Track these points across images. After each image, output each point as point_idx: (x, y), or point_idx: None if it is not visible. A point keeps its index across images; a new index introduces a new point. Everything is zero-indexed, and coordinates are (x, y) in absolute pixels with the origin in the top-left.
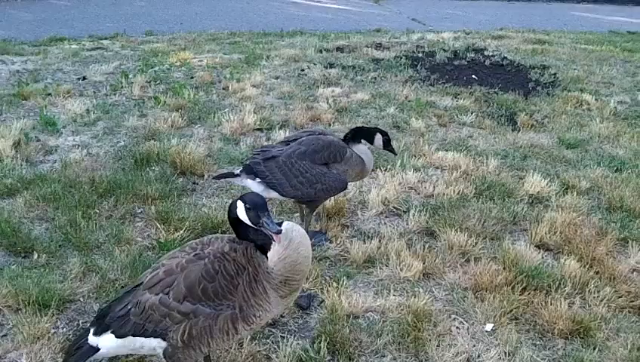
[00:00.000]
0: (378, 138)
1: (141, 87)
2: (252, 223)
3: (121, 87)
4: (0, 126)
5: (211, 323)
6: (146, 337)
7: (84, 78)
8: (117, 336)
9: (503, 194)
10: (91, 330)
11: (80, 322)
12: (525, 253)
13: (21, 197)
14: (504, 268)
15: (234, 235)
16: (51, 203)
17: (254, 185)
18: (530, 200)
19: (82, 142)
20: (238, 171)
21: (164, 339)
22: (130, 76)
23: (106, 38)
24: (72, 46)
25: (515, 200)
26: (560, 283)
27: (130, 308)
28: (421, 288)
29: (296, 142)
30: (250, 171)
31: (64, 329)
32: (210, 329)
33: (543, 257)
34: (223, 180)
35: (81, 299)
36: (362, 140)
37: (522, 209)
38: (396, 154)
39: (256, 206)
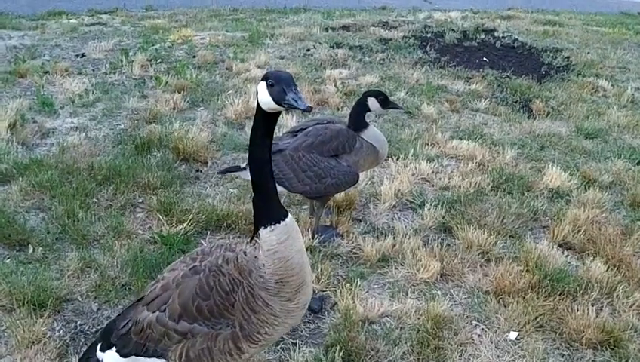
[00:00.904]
0: (372, 102)
1: (142, 65)
2: (275, 101)
3: (121, 66)
4: None
5: (210, 344)
6: (148, 357)
7: (82, 55)
8: (121, 356)
9: (522, 187)
10: (98, 345)
11: (78, 324)
12: (548, 253)
13: (16, 184)
14: (527, 271)
15: (235, 240)
16: (48, 191)
17: None
18: (551, 195)
19: (80, 124)
20: (244, 165)
21: (166, 360)
22: (130, 54)
23: (105, 13)
24: (71, 20)
25: (534, 194)
26: (586, 288)
27: (131, 326)
28: (439, 290)
29: (303, 133)
30: None
31: (61, 332)
32: (209, 351)
33: (566, 258)
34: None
35: (79, 299)
36: (367, 121)
37: (542, 204)
38: (402, 108)
39: (281, 79)
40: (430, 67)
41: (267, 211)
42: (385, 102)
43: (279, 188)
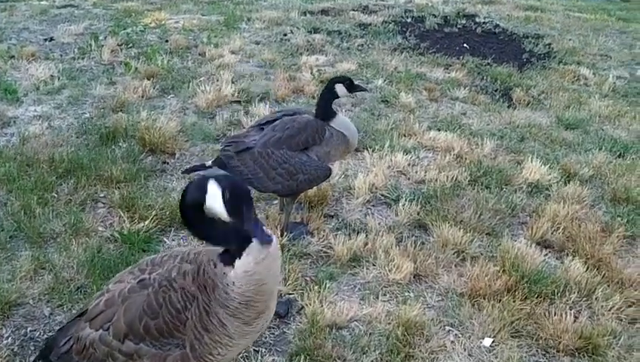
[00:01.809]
0: (340, 88)
1: (111, 50)
2: (229, 217)
3: (91, 51)
4: None
5: None
6: None
7: (51, 39)
8: None
9: (500, 181)
10: None
11: (28, 330)
12: (526, 252)
13: None
14: (503, 271)
15: (190, 249)
16: (5, 185)
17: None
18: (530, 189)
19: (44, 112)
20: (209, 163)
21: None
22: (100, 38)
23: None
24: (42, 2)
25: (512, 188)
26: (565, 290)
27: (72, 344)
28: (412, 292)
29: (270, 127)
30: (222, 165)
31: (9, 340)
32: None
33: (544, 257)
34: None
35: (31, 302)
36: (336, 110)
37: (521, 199)
38: (367, 90)
39: (240, 196)
40: (409, 53)
41: (235, 237)
42: (351, 86)
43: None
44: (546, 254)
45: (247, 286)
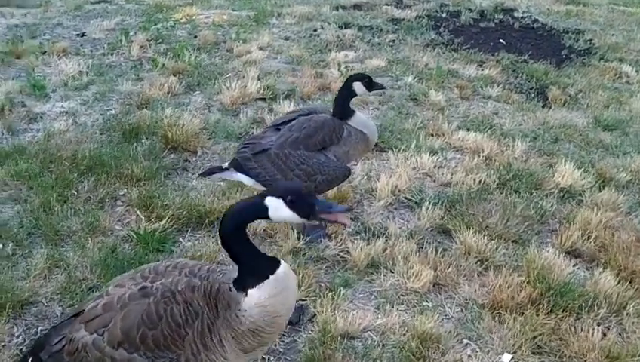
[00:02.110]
0: (359, 86)
1: (141, 46)
2: (304, 217)
3: (120, 46)
4: None
5: None
6: None
7: (83, 35)
8: None
9: (531, 185)
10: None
11: (39, 329)
12: (553, 262)
13: None
14: (528, 282)
15: (199, 264)
16: (27, 181)
17: (247, 181)
18: (561, 195)
19: (70, 108)
20: (226, 165)
21: None
22: (130, 34)
23: None
24: None
25: (543, 193)
26: (593, 304)
27: (65, 345)
28: (430, 302)
29: (287, 128)
30: (239, 167)
31: (20, 338)
32: None
33: (573, 268)
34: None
35: (44, 301)
36: (355, 110)
37: (551, 205)
38: (385, 88)
39: (302, 194)
40: (442, 49)
41: (252, 271)
42: (370, 84)
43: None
44: (575, 264)
45: (261, 315)
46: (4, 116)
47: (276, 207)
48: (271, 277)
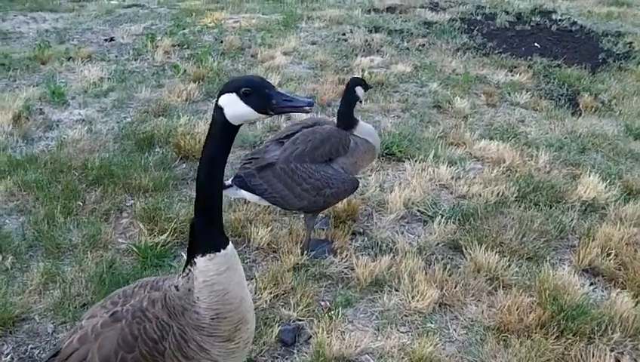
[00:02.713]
0: (360, 90)
1: (165, 52)
2: (259, 110)
3: (145, 52)
4: (7, 95)
5: None
6: None
7: (111, 40)
8: None
9: (551, 198)
10: None
11: (29, 347)
12: (568, 281)
13: (3, 183)
14: (539, 303)
15: (158, 277)
16: (34, 192)
17: (252, 198)
18: (583, 208)
19: (87, 116)
20: (229, 182)
21: None
22: (157, 39)
23: None
24: (111, 2)
25: (564, 206)
26: (607, 327)
27: None
28: (434, 323)
29: (291, 141)
30: (243, 185)
31: (8, 357)
32: None
33: (589, 288)
34: None
35: (36, 318)
36: (358, 118)
37: (571, 219)
38: (370, 87)
39: (258, 85)
40: (473, 54)
41: (207, 237)
42: (365, 86)
43: (273, 208)
44: (592, 284)
45: (212, 298)
46: (21, 124)
47: (230, 103)
48: (222, 251)
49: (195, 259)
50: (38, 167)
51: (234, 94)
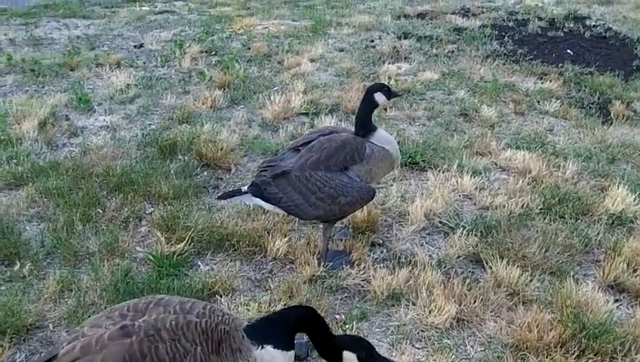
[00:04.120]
0: (379, 96)
1: (192, 58)
2: None
3: (173, 58)
4: (35, 101)
5: None
6: None
7: (141, 46)
8: None
9: (577, 211)
10: None
11: (42, 356)
12: (592, 297)
13: (25, 189)
14: (560, 321)
15: (189, 301)
16: (54, 199)
17: (267, 206)
18: (611, 221)
19: (112, 123)
20: (245, 188)
21: None
22: (185, 45)
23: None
24: (143, 8)
25: (591, 219)
26: (631, 347)
27: None
28: (451, 339)
29: (307, 148)
30: (259, 192)
31: None
32: None
33: (613, 305)
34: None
35: (50, 327)
36: (377, 126)
37: (598, 233)
38: (401, 95)
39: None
40: (503, 61)
41: (288, 336)
42: (388, 94)
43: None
44: (617, 300)
45: None
46: (46, 130)
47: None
48: (289, 352)
49: (266, 346)
50: (61, 173)
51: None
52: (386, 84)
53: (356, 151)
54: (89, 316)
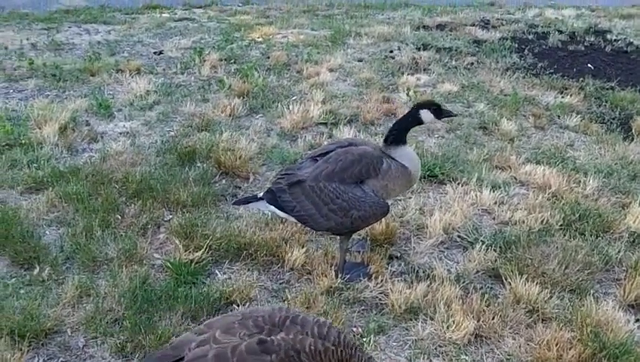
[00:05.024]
0: (426, 114)
1: (212, 66)
2: None
3: (193, 65)
4: (56, 106)
5: None
6: None
7: (160, 53)
8: None
9: (598, 228)
10: None
11: (59, 360)
12: (612, 316)
13: (45, 194)
14: (579, 339)
15: (324, 324)
16: (74, 204)
17: (280, 214)
18: (632, 239)
19: (132, 129)
20: (261, 194)
21: None
22: (205, 53)
23: (200, 7)
24: (163, 14)
25: (611, 237)
26: None
27: None
28: (469, 356)
29: (324, 159)
30: (273, 200)
31: None
32: None
33: (635, 324)
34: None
35: (68, 332)
36: (405, 142)
37: (618, 251)
38: (456, 115)
39: None
40: (522, 74)
41: None
42: (438, 112)
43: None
44: (638, 320)
45: None
46: (67, 135)
47: None
48: None
49: None
50: (80, 178)
51: None
52: (438, 102)
53: (372, 165)
54: (107, 322)
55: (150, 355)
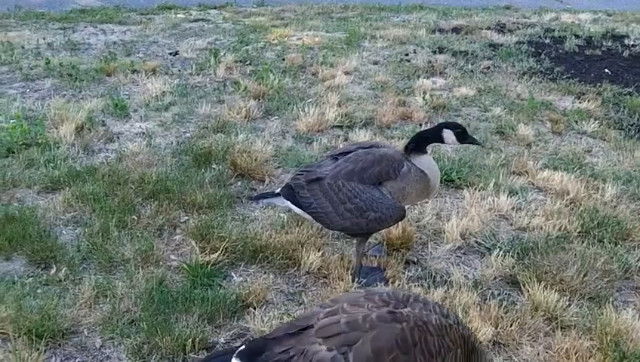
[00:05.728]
0: (448, 134)
1: (227, 67)
2: None
3: (208, 67)
4: (72, 106)
5: None
6: None
7: (176, 53)
8: None
9: (617, 235)
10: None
11: (77, 361)
12: (632, 326)
13: (62, 194)
14: (599, 348)
15: (444, 307)
16: (91, 204)
17: (297, 210)
18: None
19: (148, 129)
20: (278, 190)
21: None
22: (220, 54)
23: (214, 8)
24: (178, 15)
25: (630, 244)
26: None
27: (293, 356)
28: None
29: (344, 159)
30: (291, 195)
31: None
32: None
33: None
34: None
35: (85, 332)
36: (427, 150)
37: (638, 259)
38: (482, 145)
39: None
40: (539, 78)
41: None
42: (462, 136)
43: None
44: None
45: None
46: (83, 135)
47: None
48: None
49: None
50: (97, 178)
51: None
52: (463, 125)
53: (392, 167)
54: (123, 323)
55: (278, 328)
